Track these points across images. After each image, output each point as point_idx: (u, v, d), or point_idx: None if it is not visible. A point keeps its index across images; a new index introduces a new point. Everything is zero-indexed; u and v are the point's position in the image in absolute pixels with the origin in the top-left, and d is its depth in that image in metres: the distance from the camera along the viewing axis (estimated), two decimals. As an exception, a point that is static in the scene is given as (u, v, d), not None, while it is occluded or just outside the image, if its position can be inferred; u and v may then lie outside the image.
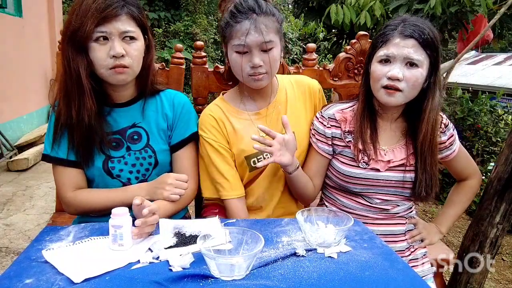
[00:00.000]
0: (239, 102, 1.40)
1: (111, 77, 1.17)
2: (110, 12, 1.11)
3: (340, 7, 3.78)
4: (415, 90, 1.22)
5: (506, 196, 1.52)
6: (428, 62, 1.21)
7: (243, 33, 1.20)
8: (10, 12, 5.00)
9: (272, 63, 1.25)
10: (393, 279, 0.88)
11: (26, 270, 0.88)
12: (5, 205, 3.47)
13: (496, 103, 4.14)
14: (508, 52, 12.01)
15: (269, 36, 1.21)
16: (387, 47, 1.22)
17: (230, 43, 1.25)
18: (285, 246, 1.01)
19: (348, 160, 1.33)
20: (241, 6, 1.22)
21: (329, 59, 8.06)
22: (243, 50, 1.22)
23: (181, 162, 1.33)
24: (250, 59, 1.23)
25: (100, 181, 1.28)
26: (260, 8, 1.22)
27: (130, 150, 1.27)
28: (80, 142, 1.21)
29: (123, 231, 0.97)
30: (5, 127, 4.65)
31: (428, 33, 1.19)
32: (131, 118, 1.29)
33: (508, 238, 3.23)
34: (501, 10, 3.09)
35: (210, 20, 8.44)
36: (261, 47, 1.22)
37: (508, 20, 3.87)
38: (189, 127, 1.34)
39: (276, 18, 1.26)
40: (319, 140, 1.37)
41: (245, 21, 1.21)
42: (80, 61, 1.14)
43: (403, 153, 1.31)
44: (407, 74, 1.19)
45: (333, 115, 1.35)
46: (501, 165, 1.53)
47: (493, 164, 2.87)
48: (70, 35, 1.13)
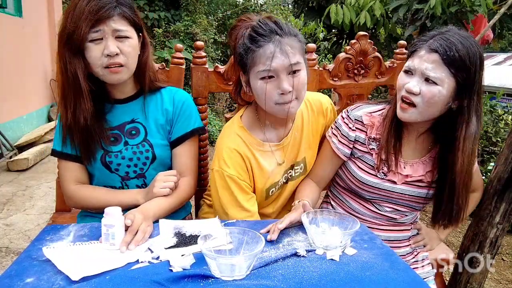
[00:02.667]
0: (259, 132, 1.28)
1: (107, 77, 1.19)
2: (103, 13, 1.13)
3: (340, 7, 3.79)
4: (432, 108, 1.13)
5: (506, 196, 1.52)
6: (452, 81, 1.10)
7: (268, 58, 1.10)
8: (10, 12, 5.00)
9: (301, 87, 1.14)
10: (393, 279, 0.88)
11: (27, 269, 0.88)
12: (5, 205, 3.47)
13: (496, 103, 4.13)
14: (508, 52, 12.00)
15: (295, 57, 1.12)
16: (412, 58, 1.16)
17: (253, 71, 1.14)
18: (285, 246, 1.01)
19: (366, 167, 1.28)
20: (262, 29, 1.11)
21: (329, 59, 8.05)
22: (268, 74, 1.11)
23: (180, 158, 1.35)
24: (277, 85, 1.12)
25: (100, 175, 1.31)
26: (283, 30, 1.12)
27: (128, 145, 1.29)
28: (80, 141, 1.25)
29: (114, 230, 0.98)
30: (5, 127, 4.65)
31: (458, 50, 1.07)
32: (131, 114, 1.31)
33: (508, 238, 3.23)
34: (501, 10, 3.09)
35: (210, 20, 8.42)
36: (288, 70, 1.11)
37: (508, 20, 3.87)
38: (190, 123, 1.35)
39: (299, 38, 1.16)
40: (341, 141, 1.30)
41: (269, 44, 1.10)
42: (77, 63, 1.16)
43: (422, 169, 1.26)
44: (423, 90, 1.11)
45: (361, 117, 1.28)
46: (501, 165, 1.53)
47: (493, 164, 2.87)
48: (66, 38, 1.14)
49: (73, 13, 1.13)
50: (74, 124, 1.21)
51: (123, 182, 1.32)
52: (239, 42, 1.16)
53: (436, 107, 1.13)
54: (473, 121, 1.14)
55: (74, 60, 1.15)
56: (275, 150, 1.29)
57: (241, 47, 1.15)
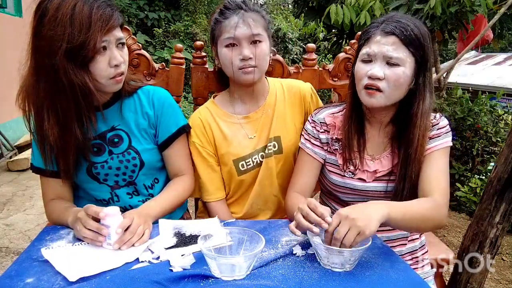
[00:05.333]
0: (229, 105, 1.41)
1: (110, 87, 1.14)
2: (113, 23, 1.08)
3: (340, 7, 3.77)
4: (397, 91, 1.13)
5: (506, 196, 1.52)
6: (412, 60, 1.12)
7: (232, 27, 1.25)
8: (10, 12, 5.00)
9: (261, 56, 1.27)
10: (393, 279, 0.88)
11: (27, 270, 0.88)
12: (5, 205, 3.47)
13: (496, 103, 4.14)
14: (508, 52, 12.01)
15: (257, 29, 1.26)
16: (368, 45, 1.14)
17: (220, 40, 1.29)
18: (284, 246, 1.01)
19: (334, 168, 1.27)
20: (229, 4, 1.29)
21: (329, 59, 8.06)
22: (232, 42, 1.26)
23: (172, 160, 1.31)
24: (239, 52, 1.26)
25: (88, 187, 1.25)
26: (247, 6, 1.29)
27: (113, 154, 1.23)
28: (62, 159, 1.16)
29: (111, 231, 0.98)
30: (5, 127, 4.65)
31: (412, 30, 1.10)
32: (110, 122, 1.23)
33: (508, 238, 3.23)
34: (501, 10, 3.09)
35: (210, 20, 8.44)
36: (250, 39, 1.26)
37: (508, 20, 3.87)
38: (174, 122, 1.30)
39: (262, 15, 1.31)
40: (315, 144, 1.29)
41: (233, 16, 1.26)
42: (86, 75, 1.07)
43: (390, 162, 1.23)
44: (388, 73, 1.11)
45: (324, 119, 1.28)
46: (501, 165, 1.53)
47: (493, 164, 2.87)
48: (72, 50, 1.03)
49: (72, 21, 1.02)
50: (59, 141, 1.11)
51: (113, 192, 1.27)
52: (212, 18, 1.33)
53: (401, 89, 1.13)
54: (427, 97, 1.16)
55: (81, 73, 1.06)
56: (244, 123, 1.39)
57: (213, 21, 1.32)
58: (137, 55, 1.50)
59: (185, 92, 6.36)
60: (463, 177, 3.76)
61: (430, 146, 1.18)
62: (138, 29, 8.04)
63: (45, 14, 1.04)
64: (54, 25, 1.02)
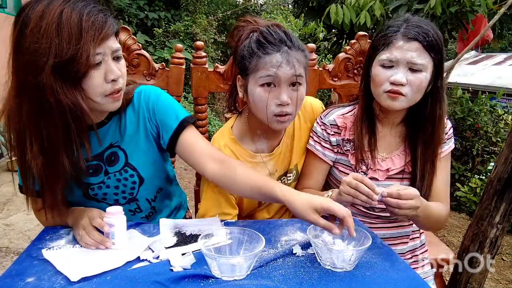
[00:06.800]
0: (250, 143, 1.27)
1: (106, 106, 0.99)
2: (107, 31, 0.93)
3: (340, 7, 3.78)
4: (418, 94, 1.16)
5: (506, 196, 1.52)
6: (432, 65, 1.14)
7: (273, 65, 1.08)
8: (10, 12, 5.00)
9: (298, 102, 1.14)
10: (393, 279, 0.88)
11: (27, 269, 0.88)
12: (5, 205, 3.47)
13: (496, 103, 4.14)
14: (508, 52, 12.02)
15: (300, 70, 1.11)
16: (389, 50, 1.14)
17: (254, 76, 1.12)
18: (283, 246, 1.01)
19: (346, 169, 1.28)
20: (272, 37, 1.10)
21: (329, 59, 8.05)
22: (271, 81, 1.10)
23: (189, 153, 1.14)
24: (276, 95, 1.11)
25: (86, 206, 1.12)
26: (292, 42, 1.12)
27: (109, 173, 1.12)
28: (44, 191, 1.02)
29: (115, 230, 0.97)
30: (5, 127, 4.65)
31: (433, 35, 1.12)
32: (108, 139, 1.11)
33: (508, 238, 3.24)
34: (501, 10, 3.09)
35: (210, 20, 8.43)
36: (290, 81, 1.10)
37: (508, 20, 3.87)
38: (173, 117, 1.14)
39: (305, 54, 1.15)
40: (325, 147, 1.28)
41: (276, 53, 1.08)
42: (78, 94, 0.91)
43: (402, 160, 1.26)
44: (411, 79, 1.13)
45: (334, 121, 1.28)
46: (501, 165, 1.53)
47: (493, 164, 2.87)
48: (60, 65, 0.87)
49: (59, 31, 0.87)
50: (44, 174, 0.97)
51: None
52: (244, 44, 1.12)
53: (421, 93, 1.17)
54: (445, 99, 1.20)
55: (72, 92, 0.90)
56: (267, 161, 1.27)
57: (246, 50, 1.12)
58: (137, 55, 1.50)
59: (185, 92, 6.36)
60: (463, 177, 3.76)
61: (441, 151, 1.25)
62: (138, 29, 8.03)
63: (27, 24, 0.88)
64: (38, 36, 0.87)
